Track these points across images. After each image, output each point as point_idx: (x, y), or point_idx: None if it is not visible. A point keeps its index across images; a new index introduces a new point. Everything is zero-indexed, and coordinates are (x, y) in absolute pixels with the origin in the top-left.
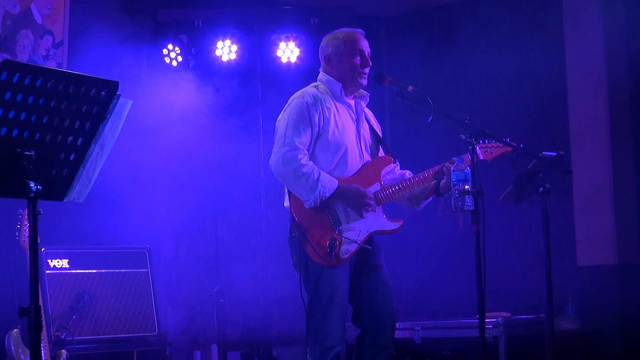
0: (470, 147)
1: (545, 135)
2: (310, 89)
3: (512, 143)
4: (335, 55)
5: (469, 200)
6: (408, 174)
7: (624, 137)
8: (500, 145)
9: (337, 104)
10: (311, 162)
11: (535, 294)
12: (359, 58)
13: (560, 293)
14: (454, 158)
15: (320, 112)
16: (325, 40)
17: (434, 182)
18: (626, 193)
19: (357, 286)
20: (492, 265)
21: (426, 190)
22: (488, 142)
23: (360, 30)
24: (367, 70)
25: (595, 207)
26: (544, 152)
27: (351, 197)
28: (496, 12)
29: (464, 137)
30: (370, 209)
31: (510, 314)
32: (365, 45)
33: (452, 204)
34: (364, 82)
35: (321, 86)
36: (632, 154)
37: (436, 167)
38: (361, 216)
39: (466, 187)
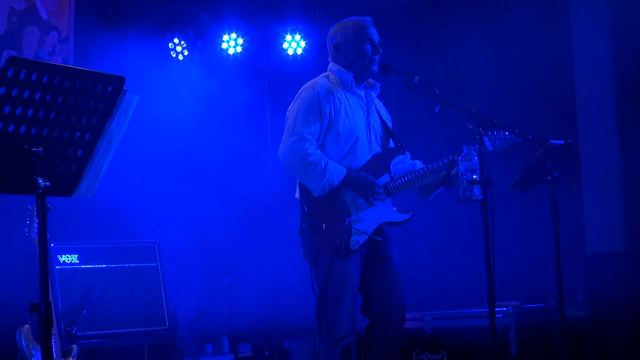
0: (477, 137)
1: (552, 123)
2: (321, 79)
3: (520, 133)
4: (345, 43)
5: (477, 190)
6: (418, 164)
7: (631, 123)
8: (508, 136)
9: (347, 94)
10: (319, 151)
11: (544, 282)
12: (369, 46)
13: (569, 281)
14: (464, 147)
15: (331, 103)
16: (334, 29)
17: (444, 172)
18: (635, 180)
19: (368, 277)
20: (502, 254)
21: (437, 181)
22: (496, 134)
23: (368, 18)
24: (377, 57)
25: (604, 195)
26: (551, 141)
27: (360, 186)
28: (502, 1)
29: (471, 127)
30: (380, 197)
31: (520, 303)
32: (374, 33)
33: (461, 193)
34: (375, 69)
35: (332, 76)
36: None
37: (445, 159)
38: (371, 205)
39: (474, 176)
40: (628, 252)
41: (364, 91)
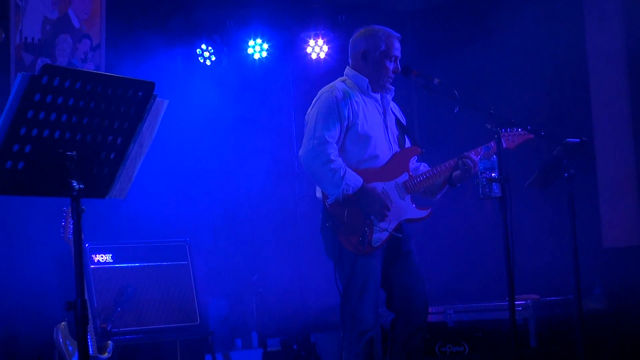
0: (496, 136)
1: (568, 121)
2: (338, 83)
3: (534, 131)
4: (372, 53)
5: (496, 188)
6: (422, 167)
7: None
8: (522, 133)
9: (364, 97)
10: (340, 158)
11: (562, 276)
12: (392, 63)
13: (587, 274)
14: (477, 149)
15: (349, 106)
16: (360, 34)
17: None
18: None
19: (390, 272)
20: (520, 249)
21: (441, 182)
22: (510, 131)
23: (397, 34)
24: (394, 75)
25: (619, 190)
26: (567, 139)
27: (371, 201)
28: (517, 3)
29: (489, 126)
30: (385, 219)
31: (539, 296)
32: (399, 50)
33: (480, 191)
34: (388, 85)
35: (348, 81)
36: None
37: (451, 161)
38: (379, 221)
39: (493, 174)
40: None
41: (379, 94)
